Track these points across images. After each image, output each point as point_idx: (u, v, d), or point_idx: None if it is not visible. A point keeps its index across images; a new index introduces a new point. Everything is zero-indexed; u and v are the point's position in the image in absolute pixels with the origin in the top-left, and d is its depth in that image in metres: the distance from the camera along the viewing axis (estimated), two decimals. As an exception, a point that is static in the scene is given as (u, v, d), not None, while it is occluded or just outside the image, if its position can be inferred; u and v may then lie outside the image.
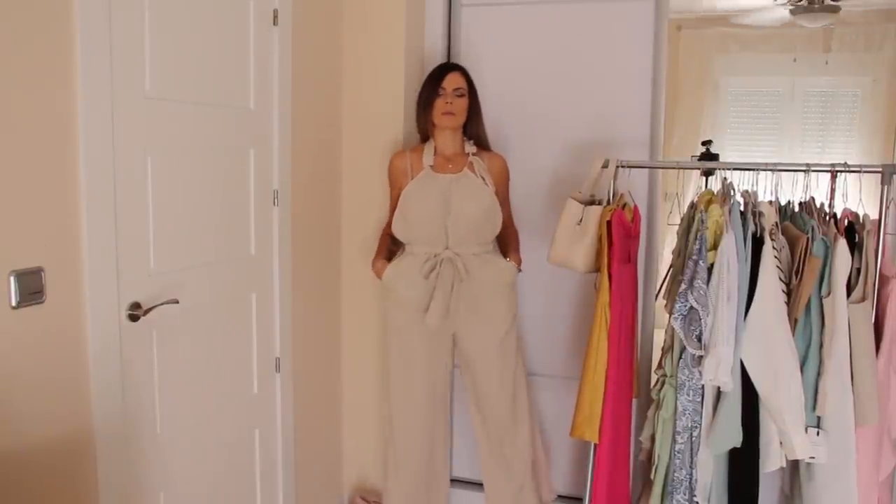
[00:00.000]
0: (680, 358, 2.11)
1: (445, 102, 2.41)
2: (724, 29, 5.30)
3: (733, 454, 2.11)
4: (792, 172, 2.25)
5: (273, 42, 2.30)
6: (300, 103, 2.45)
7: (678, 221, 2.32)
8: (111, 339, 1.74)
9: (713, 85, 5.46)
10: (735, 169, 2.26)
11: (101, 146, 1.67)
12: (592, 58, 2.79)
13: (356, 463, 2.93)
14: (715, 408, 2.09)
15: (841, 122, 5.24)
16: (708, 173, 3.49)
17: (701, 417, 2.10)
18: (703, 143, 5.19)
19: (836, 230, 2.05)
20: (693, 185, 4.92)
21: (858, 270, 2.03)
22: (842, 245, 1.98)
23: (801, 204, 2.28)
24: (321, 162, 2.66)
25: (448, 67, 2.48)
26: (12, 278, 1.49)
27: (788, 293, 2.07)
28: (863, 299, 2.00)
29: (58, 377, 1.62)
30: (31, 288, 1.53)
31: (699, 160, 4.91)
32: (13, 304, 1.49)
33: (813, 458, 2.02)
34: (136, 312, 1.80)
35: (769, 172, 2.21)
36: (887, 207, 2.07)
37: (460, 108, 2.43)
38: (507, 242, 2.59)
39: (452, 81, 2.42)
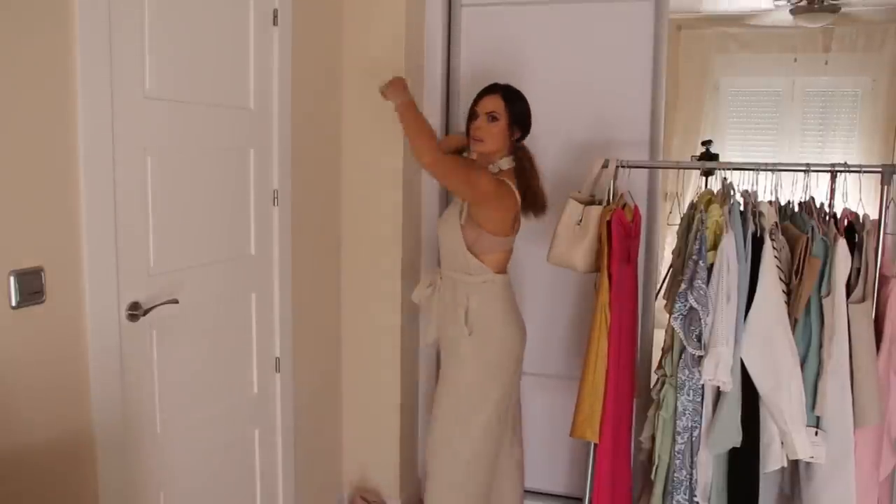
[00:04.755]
0: (680, 358, 2.11)
1: (475, 127, 2.24)
2: (724, 29, 5.30)
3: (733, 454, 2.10)
4: (792, 172, 2.25)
5: (273, 42, 2.30)
6: (300, 103, 2.45)
7: (678, 221, 2.32)
8: (111, 339, 1.74)
9: (713, 85, 5.46)
10: (735, 169, 2.26)
11: (101, 146, 1.67)
12: (592, 58, 2.79)
13: (356, 463, 2.93)
14: (715, 408, 2.09)
15: (841, 122, 5.23)
16: (708, 173, 3.49)
17: (701, 417, 2.10)
18: (703, 143, 5.19)
19: (836, 230, 2.05)
20: (693, 185, 4.93)
21: (858, 270, 2.03)
22: (842, 245, 1.98)
23: (800, 204, 2.28)
24: (321, 162, 2.66)
25: (487, 90, 2.27)
26: (12, 278, 1.49)
27: (788, 293, 2.07)
28: (863, 299, 2.00)
29: (58, 377, 1.62)
30: (31, 288, 1.53)
31: (699, 160, 4.91)
32: (13, 304, 1.49)
33: (813, 458, 2.02)
34: (135, 312, 1.80)
35: (769, 172, 2.21)
36: (887, 207, 2.07)
37: (489, 134, 2.22)
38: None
39: (486, 105, 2.22)
